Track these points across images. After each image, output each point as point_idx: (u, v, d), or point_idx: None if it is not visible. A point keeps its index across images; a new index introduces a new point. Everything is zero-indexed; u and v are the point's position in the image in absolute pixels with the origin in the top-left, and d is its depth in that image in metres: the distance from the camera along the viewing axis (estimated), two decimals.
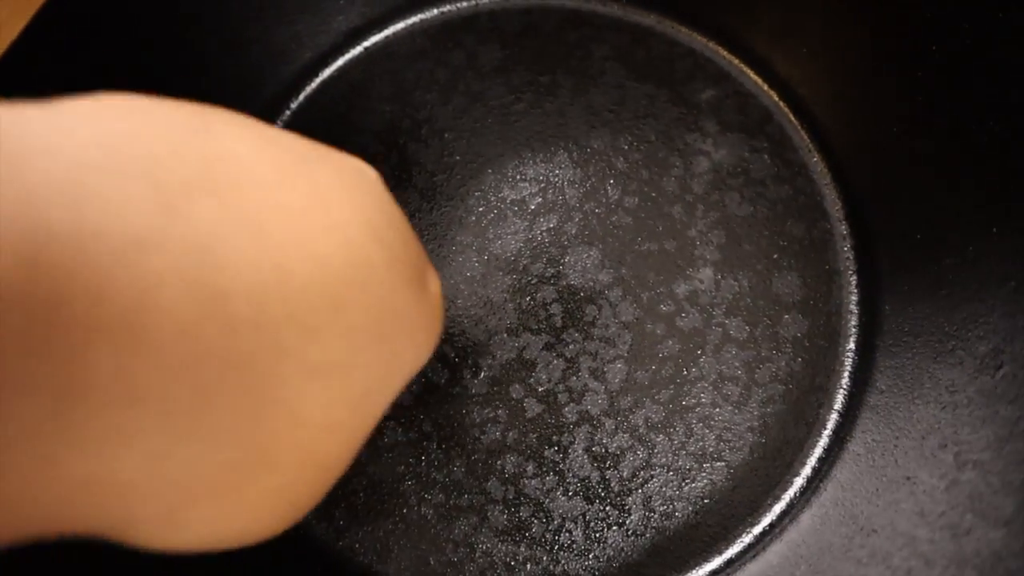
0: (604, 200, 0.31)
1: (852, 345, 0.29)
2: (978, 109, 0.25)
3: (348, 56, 0.32)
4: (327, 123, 0.32)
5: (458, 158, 0.31)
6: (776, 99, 0.31)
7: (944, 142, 0.26)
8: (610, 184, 0.31)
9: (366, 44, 0.32)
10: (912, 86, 0.27)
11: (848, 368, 0.29)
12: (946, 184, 0.26)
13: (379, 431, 0.29)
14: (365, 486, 0.29)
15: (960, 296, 0.26)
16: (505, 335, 0.30)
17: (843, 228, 0.30)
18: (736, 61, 0.32)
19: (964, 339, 0.25)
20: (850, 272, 0.30)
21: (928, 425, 0.25)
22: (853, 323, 0.30)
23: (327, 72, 0.32)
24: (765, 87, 0.31)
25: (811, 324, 0.30)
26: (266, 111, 0.32)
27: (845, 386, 0.29)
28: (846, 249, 0.30)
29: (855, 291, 0.30)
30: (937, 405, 0.25)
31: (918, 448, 0.25)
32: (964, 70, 0.25)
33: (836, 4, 0.29)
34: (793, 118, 0.31)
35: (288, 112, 0.32)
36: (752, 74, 0.31)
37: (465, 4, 0.32)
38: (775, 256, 0.30)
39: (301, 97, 0.32)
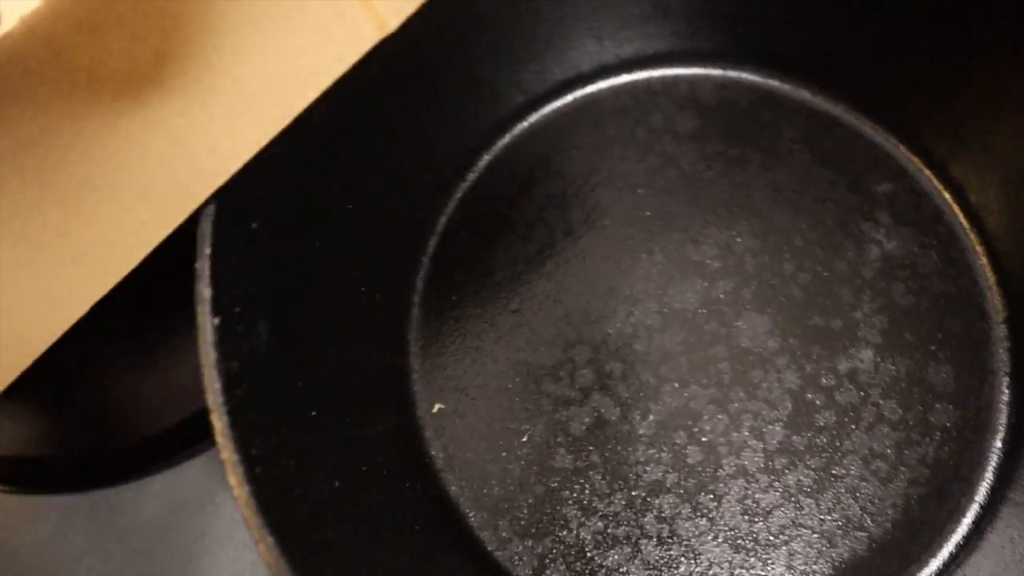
0: (779, 272, 0.33)
1: (999, 442, 0.32)
2: None
3: (557, 104, 0.35)
4: (530, 162, 0.35)
5: (648, 214, 0.34)
6: (950, 200, 0.34)
7: None
8: (786, 258, 0.34)
9: (575, 95, 0.35)
10: None
11: (993, 463, 0.32)
12: None
13: (550, 455, 0.32)
14: (531, 504, 0.32)
15: None
16: (676, 384, 0.32)
17: (1002, 331, 0.33)
18: (915, 159, 0.34)
19: None
20: (1004, 373, 0.32)
21: None
22: (1002, 421, 0.32)
23: (536, 116, 0.35)
24: (940, 188, 0.34)
25: (961, 416, 0.32)
26: (477, 146, 0.35)
27: (989, 479, 0.31)
28: (1002, 351, 0.33)
29: (1007, 391, 0.32)
30: None
31: None
32: None
33: (1015, 121, 0.32)
34: (964, 221, 0.34)
35: (496, 148, 0.35)
36: (929, 174, 0.34)
37: (667, 71, 0.35)
38: (932, 348, 0.33)
39: (509, 136, 0.35)
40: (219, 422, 0.22)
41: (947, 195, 0.34)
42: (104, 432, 0.34)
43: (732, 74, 0.35)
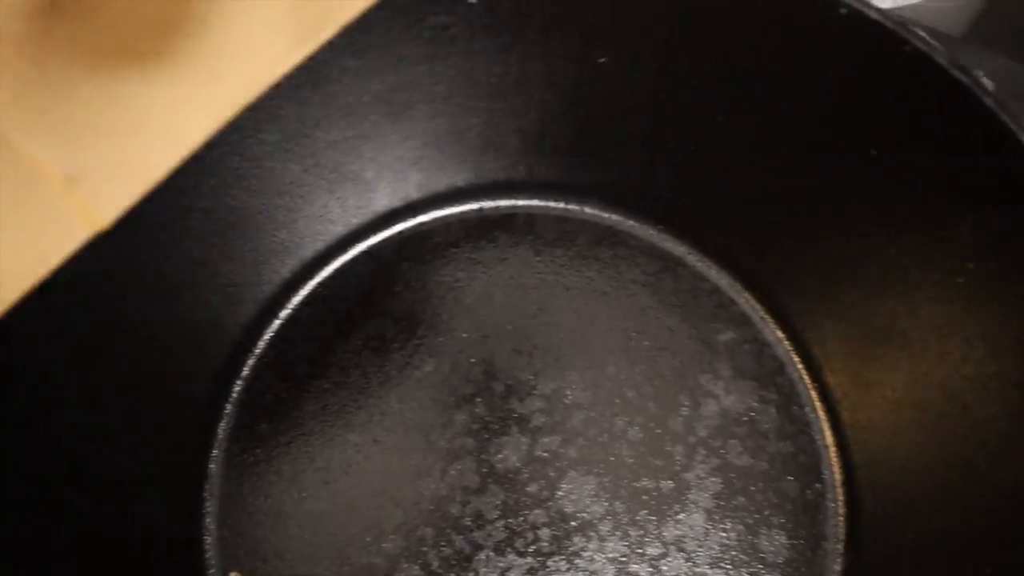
0: (608, 429, 0.32)
1: None
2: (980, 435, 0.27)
3: (382, 235, 0.33)
4: (350, 299, 0.33)
5: (472, 360, 0.32)
6: (791, 352, 0.33)
7: (951, 471, 0.28)
8: (617, 413, 0.32)
9: (402, 227, 0.33)
10: (929, 363, 0.29)
11: None
12: (937, 509, 0.28)
13: None
14: None
15: None
16: (492, 552, 0.31)
17: (837, 495, 0.32)
18: (758, 307, 0.33)
19: None
20: (837, 541, 0.31)
21: None
22: None
23: (358, 248, 0.33)
24: (783, 338, 0.33)
25: None
26: (292, 281, 0.32)
27: None
28: (837, 516, 0.32)
29: (839, 561, 0.31)
30: None
31: None
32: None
33: (864, 279, 0.31)
34: (806, 376, 0.33)
35: (313, 282, 0.33)
36: (773, 324, 0.33)
37: (504, 202, 0.34)
38: (766, 512, 0.31)
39: (329, 270, 0.33)
40: None
41: (789, 347, 0.33)
42: None
43: (573, 208, 0.34)
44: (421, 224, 0.34)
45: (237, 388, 0.32)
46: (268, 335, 0.32)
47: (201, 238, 0.29)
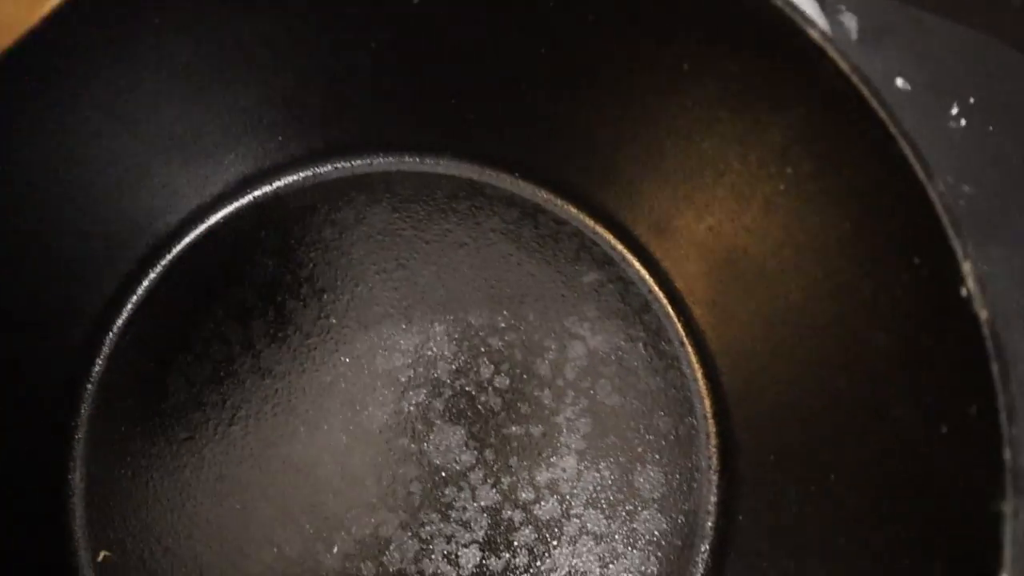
0: (475, 378, 0.32)
1: (707, 547, 0.31)
2: (840, 353, 0.27)
3: (238, 204, 0.33)
4: (210, 272, 0.33)
5: (334, 321, 0.32)
6: (656, 289, 0.33)
7: (804, 376, 0.28)
8: (483, 362, 0.32)
9: (255, 194, 0.33)
10: (782, 297, 0.29)
11: (701, 571, 0.31)
12: (798, 417, 0.28)
13: None
14: None
15: (799, 533, 0.27)
16: (362, 509, 0.31)
17: (709, 426, 0.32)
18: (620, 247, 0.33)
19: (802, 559, 0.27)
20: (712, 471, 0.32)
21: None
22: (710, 524, 0.31)
23: (213, 220, 0.33)
24: (647, 276, 0.33)
25: (668, 522, 0.31)
26: (148, 257, 0.32)
27: None
28: (710, 448, 0.32)
29: (715, 492, 0.31)
30: None
31: None
32: (840, 318, 0.26)
33: (717, 214, 0.31)
34: (671, 310, 0.33)
35: (171, 257, 0.33)
36: (635, 261, 0.33)
37: (360, 162, 0.34)
38: (639, 449, 0.32)
39: (185, 243, 0.33)
40: None
41: (653, 283, 0.33)
42: None
43: (429, 162, 0.34)
44: (276, 190, 0.34)
45: (98, 367, 0.32)
46: (126, 313, 0.32)
47: (40, 218, 0.29)
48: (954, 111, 0.39)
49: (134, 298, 0.33)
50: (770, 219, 0.27)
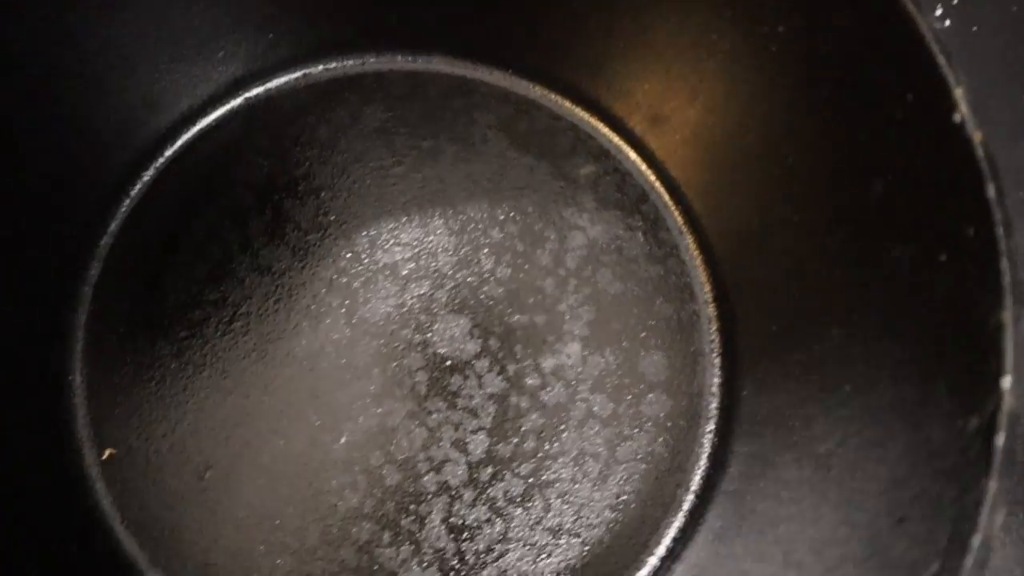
0: (477, 270, 0.32)
1: (712, 427, 0.31)
2: (837, 211, 0.28)
3: (228, 107, 0.33)
4: (203, 174, 0.33)
5: (333, 218, 0.33)
6: (653, 179, 0.33)
7: (802, 241, 0.29)
8: (484, 254, 0.32)
9: (248, 95, 0.34)
10: (778, 179, 0.30)
11: (707, 451, 0.31)
12: (799, 282, 0.29)
13: (237, 491, 0.30)
14: (218, 549, 0.30)
15: (805, 393, 0.28)
16: (368, 400, 0.31)
17: (710, 311, 0.32)
18: (616, 139, 0.34)
19: (805, 436, 0.28)
20: (714, 354, 0.32)
21: (767, 519, 0.27)
22: (714, 405, 0.32)
23: (205, 122, 0.33)
24: (643, 167, 0.34)
25: (674, 404, 0.32)
26: (140, 159, 0.32)
27: (703, 468, 0.31)
28: (712, 331, 0.32)
29: (718, 374, 0.32)
30: (776, 500, 0.27)
31: (756, 541, 0.27)
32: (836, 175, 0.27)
33: (711, 95, 0.31)
34: (668, 199, 0.33)
35: (163, 160, 0.33)
36: (631, 153, 0.34)
37: (351, 62, 0.34)
38: (643, 335, 0.32)
39: (177, 145, 0.33)
40: None
41: (650, 174, 0.34)
42: None
43: (422, 61, 0.34)
44: (269, 91, 0.34)
45: (93, 270, 0.32)
46: (121, 215, 0.32)
47: (29, 115, 0.29)
48: (938, 12, 0.40)
49: (128, 200, 0.33)
50: (762, 87, 0.28)
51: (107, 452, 0.31)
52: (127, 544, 0.30)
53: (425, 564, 0.30)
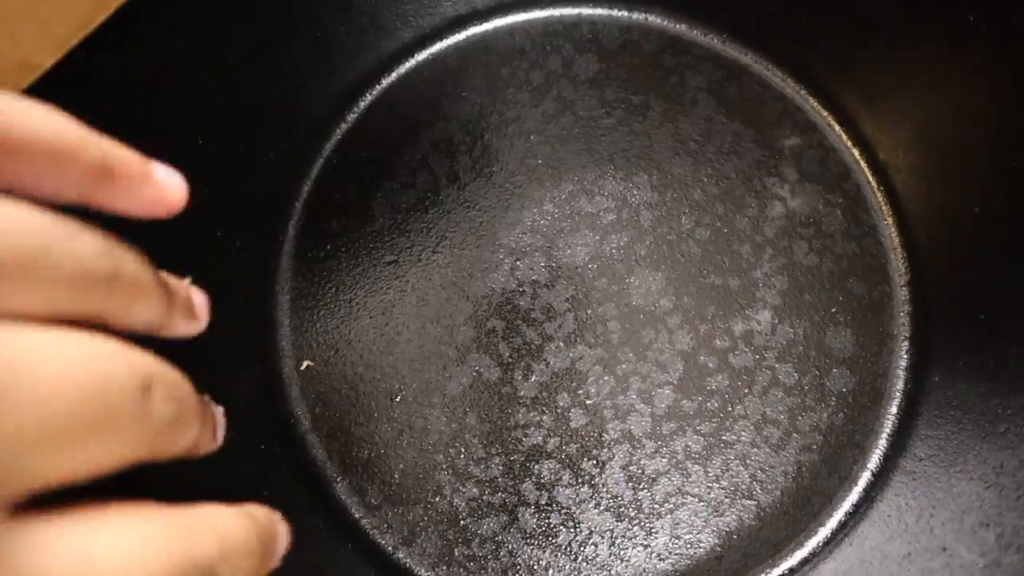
0: (676, 228, 0.34)
1: (895, 409, 0.33)
2: None
3: (448, 42, 0.35)
4: (417, 104, 0.35)
5: (540, 162, 0.35)
6: (858, 158, 0.35)
7: (1009, 240, 0.30)
8: (684, 213, 0.34)
9: (467, 33, 0.36)
10: (1001, 174, 0.31)
11: (888, 431, 0.33)
12: (999, 279, 0.30)
13: (424, 417, 0.32)
14: (402, 469, 0.32)
15: (994, 390, 0.29)
16: (562, 343, 0.33)
17: (903, 294, 0.34)
18: (825, 114, 0.35)
19: (990, 433, 0.29)
20: (903, 338, 0.34)
21: (969, 501, 0.28)
22: (899, 387, 0.33)
23: (424, 54, 0.35)
24: (849, 144, 0.35)
25: (858, 382, 0.33)
26: (359, 84, 0.35)
27: (882, 447, 0.33)
28: (903, 315, 0.34)
29: (905, 357, 0.33)
30: (982, 483, 0.28)
31: (957, 522, 0.28)
32: None
33: (938, 82, 0.33)
34: (872, 179, 0.35)
35: (380, 87, 0.35)
36: (839, 129, 0.35)
37: (568, 11, 0.36)
38: (833, 310, 0.34)
39: (394, 75, 0.35)
40: None
41: (856, 152, 0.35)
42: None
43: (637, 16, 0.36)
44: (486, 32, 0.36)
45: (306, 188, 0.34)
46: (335, 138, 0.35)
47: (259, 39, 0.32)
48: None
49: (343, 125, 0.35)
50: (992, 80, 0.29)
51: (305, 363, 0.33)
52: (317, 452, 0.33)
53: (602, 507, 0.32)
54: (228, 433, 0.31)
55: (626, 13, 0.36)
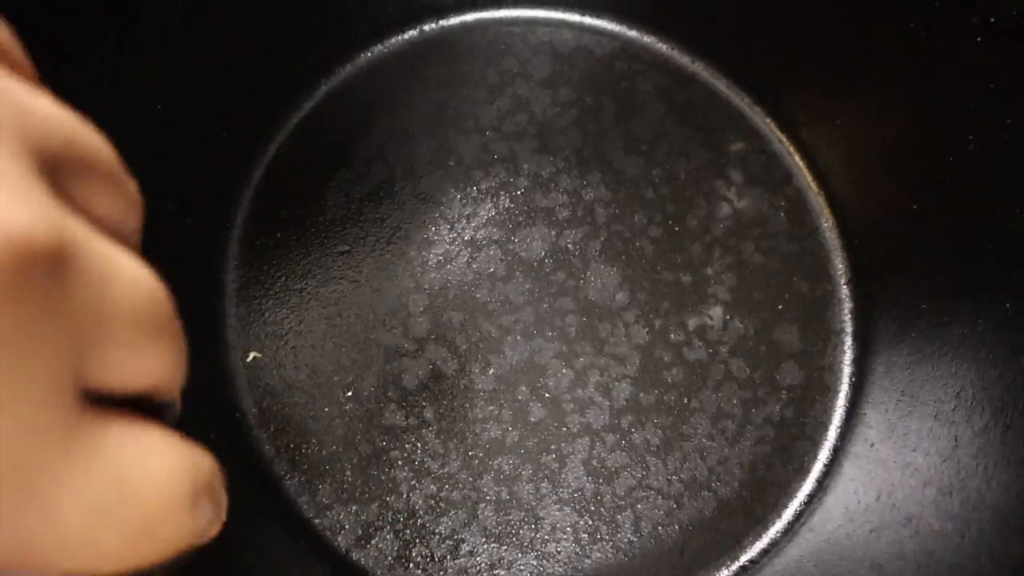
0: (630, 225, 0.35)
1: (843, 400, 0.34)
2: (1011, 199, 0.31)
3: (406, 36, 0.36)
4: (373, 95, 0.35)
5: (496, 157, 0.35)
6: (800, 163, 0.37)
7: (943, 236, 0.32)
8: (637, 211, 0.35)
9: (426, 28, 0.36)
10: (934, 171, 0.33)
11: (837, 422, 0.34)
12: (937, 274, 0.32)
13: (379, 411, 0.31)
14: (356, 465, 0.31)
15: (967, 363, 0.31)
16: (519, 336, 0.33)
17: (845, 292, 0.35)
18: (768, 120, 0.37)
19: (968, 400, 0.30)
20: (847, 333, 0.35)
21: (928, 475, 0.30)
22: (845, 380, 0.34)
23: (382, 46, 0.35)
24: (792, 150, 0.37)
25: (806, 375, 0.34)
26: (316, 72, 0.34)
27: (832, 437, 0.34)
28: (846, 312, 0.35)
29: (849, 352, 0.35)
30: (939, 457, 0.30)
31: (919, 494, 0.29)
32: (998, 163, 0.30)
33: (873, 93, 0.35)
34: (813, 183, 0.37)
35: (337, 77, 0.35)
36: (781, 136, 0.37)
37: (525, 12, 0.37)
38: (780, 307, 0.35)
39: (352, 65, 0.35)
40: None
41: (797, 157, 0.37)
42: None
43: (590, 21, 0.37)
44: (443, 28, 0.36)
45: (257, 174, 0.33)
46: (290, 126, 0.34)
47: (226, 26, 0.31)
48: None
49: (299, 112, 0.34)
50: (929, 85, 0.32)
51: (252, 355, 0.32)
52: (265, 448, 0.31)
53: (563, 503, 0.32)
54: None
55: (579, 17, 0.37)
